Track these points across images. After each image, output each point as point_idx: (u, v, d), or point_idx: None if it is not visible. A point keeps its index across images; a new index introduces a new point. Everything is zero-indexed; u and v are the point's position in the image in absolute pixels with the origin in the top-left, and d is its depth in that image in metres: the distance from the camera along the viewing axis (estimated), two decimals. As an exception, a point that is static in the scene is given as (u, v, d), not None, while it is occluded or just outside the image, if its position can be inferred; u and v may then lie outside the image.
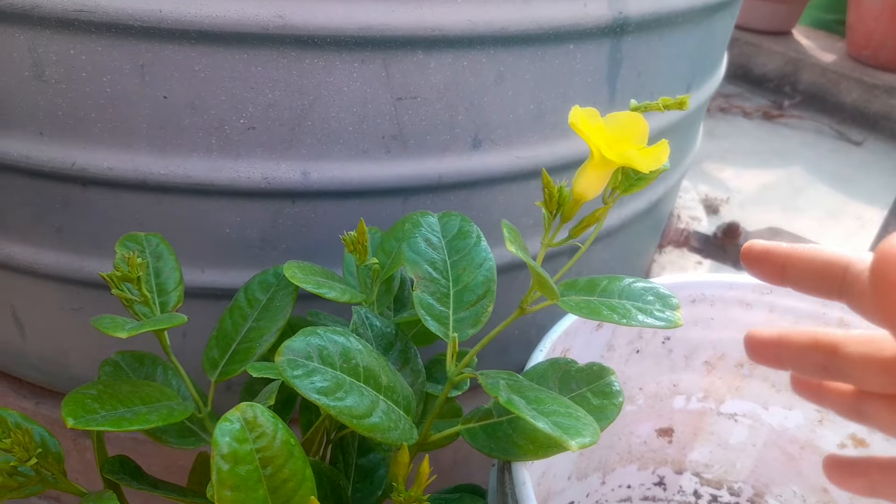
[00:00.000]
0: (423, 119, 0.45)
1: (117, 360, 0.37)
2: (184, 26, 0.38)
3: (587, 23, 0.45)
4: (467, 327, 0.35)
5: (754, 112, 1.76)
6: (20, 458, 0.28)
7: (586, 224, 0.32)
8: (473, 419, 0.36)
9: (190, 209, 0.45)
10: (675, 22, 0.52)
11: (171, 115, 0.41)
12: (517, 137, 0.49)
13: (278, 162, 0.44)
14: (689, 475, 0.60)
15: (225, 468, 0.25)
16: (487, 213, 0.52)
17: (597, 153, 0.29)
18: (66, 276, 0.49)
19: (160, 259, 0.36)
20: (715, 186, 1.40)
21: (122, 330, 0.28)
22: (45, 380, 0.59)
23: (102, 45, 0.39)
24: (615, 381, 0.36)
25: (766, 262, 0.30)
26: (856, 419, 0.29)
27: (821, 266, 0.28)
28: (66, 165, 0.43)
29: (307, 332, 0.29)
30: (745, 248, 0.31)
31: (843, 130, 1.71)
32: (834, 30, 2.04)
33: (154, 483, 0.34)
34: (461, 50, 0.43)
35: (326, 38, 0.40)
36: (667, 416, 0.57)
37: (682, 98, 0.31)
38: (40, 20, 0.38)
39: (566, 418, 0.29)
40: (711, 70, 0.67)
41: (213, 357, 0.36)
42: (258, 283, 0.39)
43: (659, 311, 0.33)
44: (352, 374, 0.30)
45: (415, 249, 0.36)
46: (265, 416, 0.26)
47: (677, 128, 0.63)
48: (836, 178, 1.49)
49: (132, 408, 0.30)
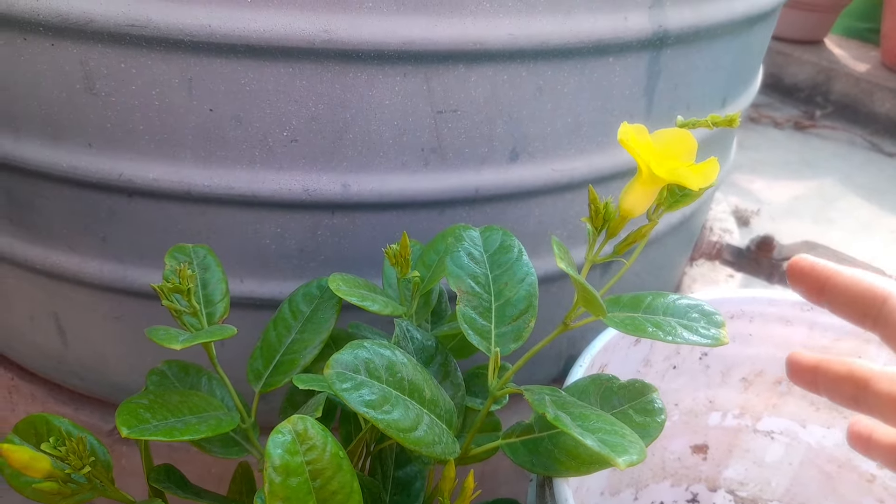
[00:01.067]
0: (463, 132, 0.45)
1: (164, 370, 0.38)
2: (232, 41, 0.39)
3: (628, 36, 0.45)
4: (509, 342, 0.35)
5: (785, 122, 1.74)
6: (75, 466, 0.29)
7: (632, 241, 0.32)
8: (514, 434, 0.35)
9: (231, 220, 0.46)
10: (715, 34, 0.52)
11: (217, 127, 0.42)
12: (554, 150, 0.49)
13: (319, 174, 0.44)
14: (722, 493, 0.59)
15: (277, 480, 0.25)
16: (523, 225, 0.52)
17: (646, 170, 0.29)
18: (109, 284, 0.50)
19: (207, 270, 0.36)
20: (745, 198, 1.39)
21: (176, 342, 0.29)
22: (85, 386, 0.60)
23: (152, 59, 0.40)
24: (657, 399, 0.36)
25: (809, 278, 0.30)
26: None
27: (860, 292, 0.28)
28: (114, 176, 0.44)
29: (355, 345, 0.29)
30: (792, 262, 0.31)
31: (877, 141, 1.68)
32: (867, 39, 2.01)
33: (197, 492, 0.35)
34: (502, 63, 0.43)
35: (370, 53, 0.40)
36: (702, 433, 0.56)
37: (732, 116, 0.31)
38: (93, 34, 0.39)
39: (612, 436, 0.29)
40: (748, 83, 0.66)
41: (258, 368, 0.37)
42: (302, 294, 0.39)
43: (704, 329, 0.33)
44: (397, 387, 0.30)
45: (458, 263, 0.36)
46: (315, 429, 0.26)
47: (713, 140, 0.62)
48: (869, 190, 1.47)
49: (182, 418, 0.30)
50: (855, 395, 0.29)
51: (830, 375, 0.30)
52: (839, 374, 0.29)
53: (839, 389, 0.30)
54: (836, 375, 0.30)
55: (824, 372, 0.30)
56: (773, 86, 1.93)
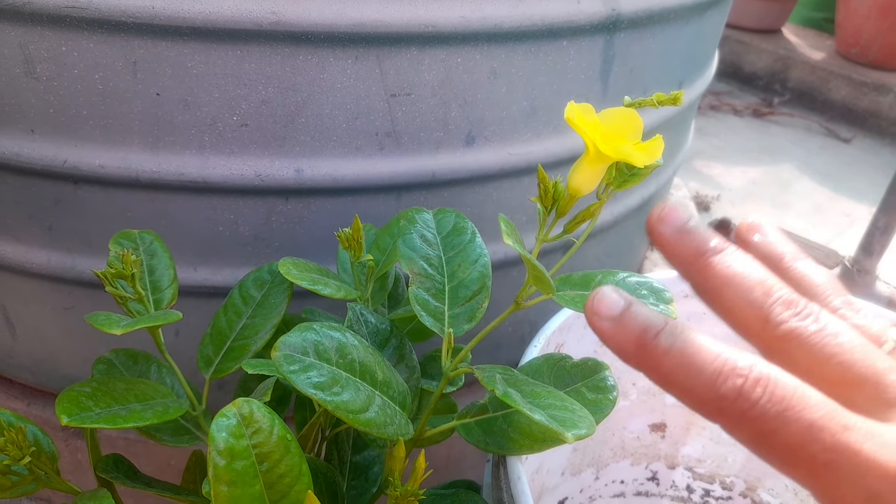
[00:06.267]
0: (417, 116, 0.45)
1: (111, 359, 0.37)
2: (176, 23, 0.38)
3: (581, 19, 0.46)
4: (463, 323, 0.35)
5: (744, 110, 1.77)
6: (14, 457, 0.28)
7: (581, 219, 0.32)
8: (468, 414, 0.36)
9: (182, 207, 0.45)
10: (668, 18, 0.52)
11: (164, 112, 0.41)
12: (510, 134, 0.49)
13: (272, 159, 0.44)
14: (681, 470, 0.61)
15: (221, 464, 0.25)
16: (481, 209, 0.52)
17: (592, 148, 0.29)
18: (57, 274, 0.48)
19: (154, 256, 0.35)
20: (705, 183, 1.41)
21: (116, 327, 0.28)
22: (36, 380, 0.58)
23: (94, 42, 0.39)
24: (609, 376, 0.36)
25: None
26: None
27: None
28: (58, 163, 0.43)
29: (303, 327, 0.29)
30: (648, 225, 0.27)
31: (832, 128, 1.73)
32: (823, 28, 2.06)
33: (148, 482, 0.34)
34: (455, 46, 0.43)
35: (320, 35, 0.40)
36: (659, 411, 0.57)
37: (676, 94, 0.31)
38: (31, 16, 0.38)
39: (562, 411, 0.29)
40: (703, 67, 0.67)
41: (208, 355, 0.36)
42: (253, 280, 0.39)
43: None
44: (348, 369, 0.30)
45: (410, 245, 0.36)
46: (261, 412, 0.26)
47: (670, 124, 0.63)
48: (825, 175, 1.50)
49: (127, 405, 0.30)
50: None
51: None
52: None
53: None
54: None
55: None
56: (732, 74, 1.96)
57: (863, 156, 1.62)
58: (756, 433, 0.20)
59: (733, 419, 0.20)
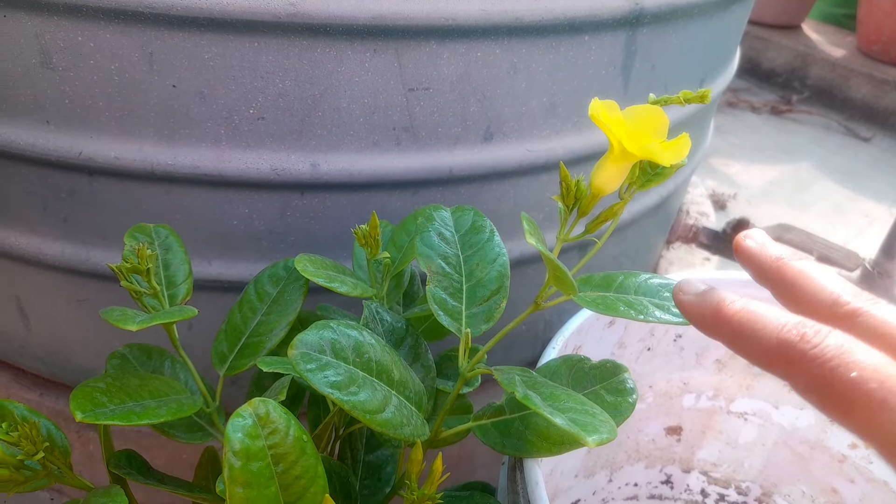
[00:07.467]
0: (435, 111, 0.44)
1: (125, 353, 0.37)
2: (193, 14, 0.37)
3: (604, 13, 0.45)
4: (480, 323, 0.34)
5: (762, 107, 1.75)
6: (27, 452, 0.28)
7: (603, 219, 0.32)
8: (485, 416, 0.35)
9: (197, 200, 0.45)
10: (691, 14, 0.51)
11: (180, 104, 0.41)
12: (529, 130, 0.48)
13: (288, 153, 0.43)
14: (696, 474, 0.60)
15: (237, 465, 0.24)
16: (498, 206, 0.51)
17: (617, 146, 0.29)
18: (71, 266, 0.48)
19: (169, 251, 0.35)
20: (722, 182, 1.39)
21: (132, 322, 0.28)
22: (49, 371, 0.58)
23: (111, 32, 0.38)
24: (629, 379, 0.35)
25: (753, 264, 0.29)
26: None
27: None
28: (73, 155, 0.42)
29: (320, 325, 0.28)
30: (735, 242, 0.30)
31: (852, 126, 1.70)
32: (844, 24, 2.02)
33: (160, 478, 0.34)
34: (475, 40, 0.42)
35: (338, 27, 0.39)
36: (676, 415, 0.56)
37: (704, 92, 0.30)
38: (48, 6, 0.37)
39: (582, 415, 0.28)
40: (725, 64, 0.66)
41: (222, 351, 0.36)
42: (268, 276, 0.38)
43: (675, 307, 0.32)
44: (364, 368, 0.29)
45: (427, 244, 0.35)
46: (278, 412, 0.25)
47: (690, 122, 0.62)
48: (844, 175, 1.48)
49: (141, 402, 0.29)
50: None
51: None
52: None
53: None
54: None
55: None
56: (750, 70, 1.93)
57: (883, 155, 1.60)
58: (815, 375, 0.22)
59: (794, 362, 0.22)
